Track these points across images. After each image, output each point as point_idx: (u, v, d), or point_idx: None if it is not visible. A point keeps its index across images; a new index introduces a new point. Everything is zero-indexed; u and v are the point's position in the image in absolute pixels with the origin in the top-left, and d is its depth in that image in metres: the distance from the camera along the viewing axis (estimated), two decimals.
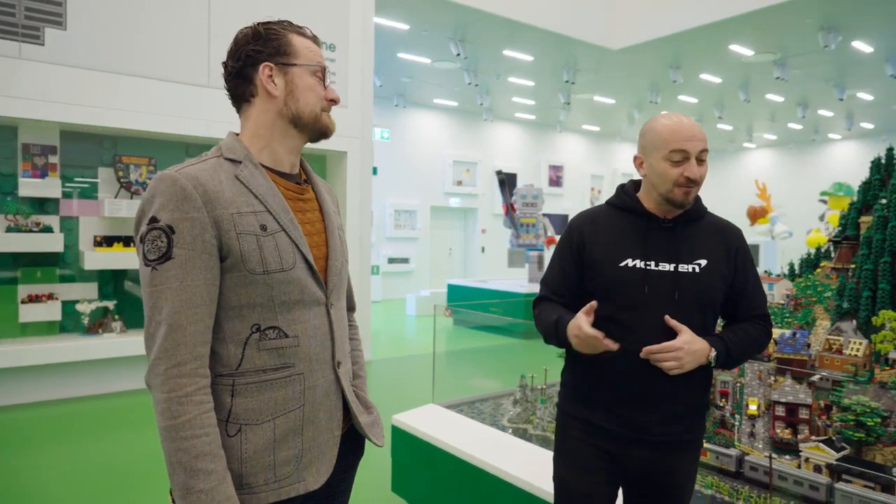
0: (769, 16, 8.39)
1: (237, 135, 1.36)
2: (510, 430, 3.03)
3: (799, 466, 2.19)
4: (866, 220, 3.28)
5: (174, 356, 1.14)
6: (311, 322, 1.30)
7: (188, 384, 1.15)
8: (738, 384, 2.67)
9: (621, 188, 1.76)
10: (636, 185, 1.75)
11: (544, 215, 10.36)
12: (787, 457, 2.28)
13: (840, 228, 3.51)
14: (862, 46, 9.65)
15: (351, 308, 1.64)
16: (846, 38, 9.16)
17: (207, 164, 1.26)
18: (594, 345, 1.53)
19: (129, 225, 5.98)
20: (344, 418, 1.39)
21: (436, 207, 14.80)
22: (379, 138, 13.15)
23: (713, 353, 1.57)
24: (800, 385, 2.53)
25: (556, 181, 17.09)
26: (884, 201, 3.06)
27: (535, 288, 9.00)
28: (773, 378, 2.84)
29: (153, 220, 1.18)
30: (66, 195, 5.74)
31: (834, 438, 2.20)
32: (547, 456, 2.75)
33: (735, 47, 9.88)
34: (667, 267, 1.61)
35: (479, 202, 15.42)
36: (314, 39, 1.39)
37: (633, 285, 1.60)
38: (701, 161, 1.60)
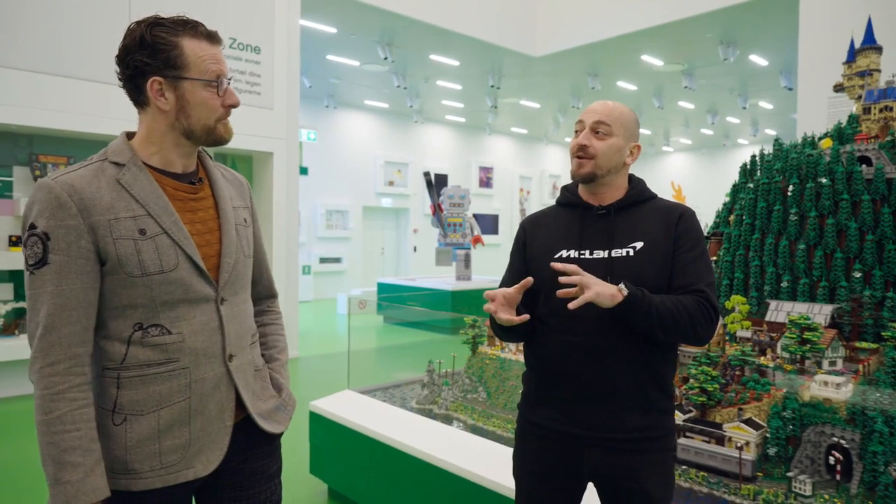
0: (674, 30, 9.06)
1: (130, 135, 1.37)
2: (418, 411, 3.31)
3: None
4: (734, 218, 3.75)
5: (48, 356, 1.22)
6: (198, 318, 1.34)
7: (61, 382, 1.22)
8: None
9: (564, 187, 1.77)
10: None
11: (474, 215, 10.72)
12: None
13: (714, 225, 3.99)
14: (758, 60, 10.51)
15: (270, 295, 1.68)
16: (743, 52, 9.97)
17: (89, 169, 1.28)
18: (495, 307, 1.52)
19: None
20: (239, 408, 1.42)
21: (368, 207, 14.96)
22: (306, 139, 13.20)
23: (622, 285, 1.46)
24: None
25: (485, 182, 17.56)
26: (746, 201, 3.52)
27: (463, 285, 9.29)
28: None
29: (32, 226, 1.23)
30: None
31: (683, 403, 2.59)
32: (449, 432, 3.04)
33: (646, 58, 10.55)
34: (601, 254, 1.59)
35: (410, 202, 15.67)
36: (210, 38, 1.35)
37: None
38: (597, 133, 1.60)
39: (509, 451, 2.68)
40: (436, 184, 10.59)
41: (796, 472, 2.14)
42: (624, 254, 1.57)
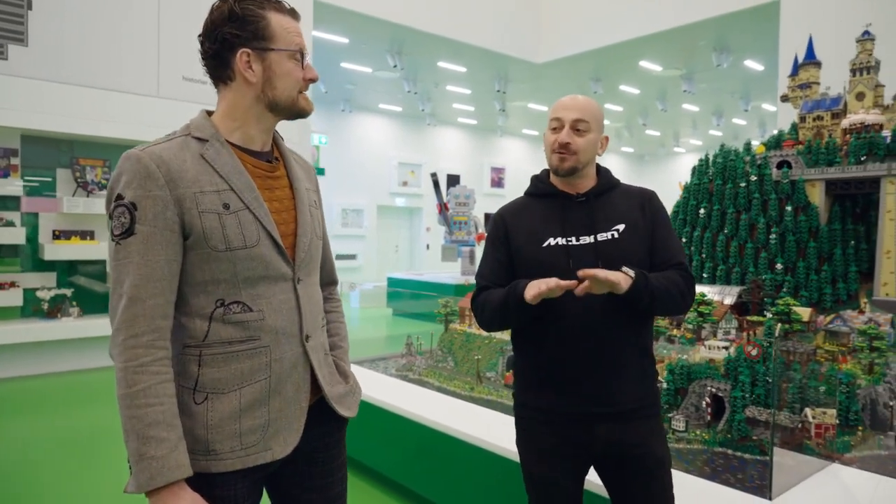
0: (668, 38, 9.53)
1: (209, 113, 1.36)
2: (396, 376, 3.90)
3: None
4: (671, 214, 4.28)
5: (132, 327, 1.18)
6: (277, 297, 1.32)
7: (144, 355, 1.18)
8: None
9: (535, 178, 1.82)
10: (549, 172, 1.81)
11: (486, 215, 11.29)
12: None
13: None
14: (753, 65, 10.90)
15: (332, 282, 1.65)
16: (737, 58, 10.38)
17: (173, 143, 1.27)
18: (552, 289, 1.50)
19: (86, 220, 6.64)
20: (313, 389, 1.41)
21: (382, 206, 15.62)
22: (318, 142, 13.88)
23: (625, 269, 1.55)
24: None
25: (497, 182, 18.11)
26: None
27: (466, 280, 9.89)
28: None
29: (119, 197, 1.21)
30: (27, 193, 6.37)
31: None
32: (419, 392, 3.62)
33: (645, 63, 11.01)
34: (587, 239, 1.66)
35: (423, 202, 16.29)
36: (292, 14, 1.36)
37: (558, 262, 1.64)
38: (577, 131, 1.66)
39: (467, 405, 3.28)
40: (448, 184, 11.19)
41: (675, 413, 2.69)
42: (609, 237, 1.66)
